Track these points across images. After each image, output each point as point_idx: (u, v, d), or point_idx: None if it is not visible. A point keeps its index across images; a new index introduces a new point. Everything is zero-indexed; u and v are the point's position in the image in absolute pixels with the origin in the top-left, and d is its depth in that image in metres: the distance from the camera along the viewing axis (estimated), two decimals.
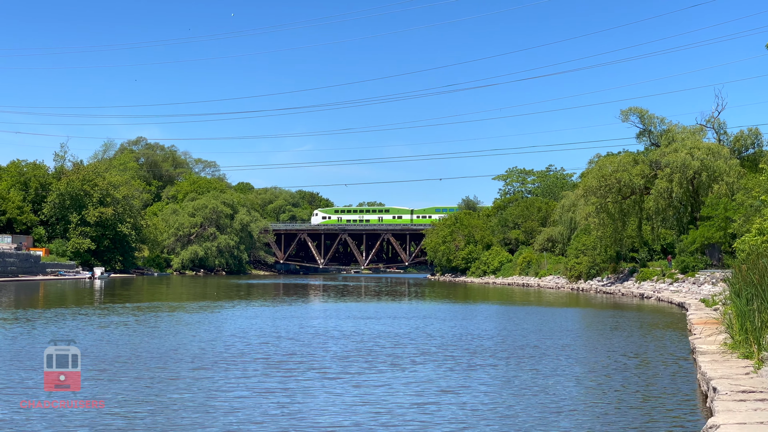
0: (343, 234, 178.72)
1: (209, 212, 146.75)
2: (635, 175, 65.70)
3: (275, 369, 18.46)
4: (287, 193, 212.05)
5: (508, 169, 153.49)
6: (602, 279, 72.87)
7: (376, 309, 43.02)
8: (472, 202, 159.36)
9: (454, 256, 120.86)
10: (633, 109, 72.13)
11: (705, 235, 57.43)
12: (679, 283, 55.97)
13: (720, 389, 12.48)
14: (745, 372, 14.21)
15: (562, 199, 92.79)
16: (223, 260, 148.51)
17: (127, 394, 14.83)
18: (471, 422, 13.14)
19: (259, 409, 13.81)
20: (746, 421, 10.23)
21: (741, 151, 70.41)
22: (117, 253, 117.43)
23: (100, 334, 25.73)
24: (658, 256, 72.25)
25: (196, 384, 16.21)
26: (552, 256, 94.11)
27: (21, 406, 13.52)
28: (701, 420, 13.00)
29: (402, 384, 16.54)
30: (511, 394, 15.66)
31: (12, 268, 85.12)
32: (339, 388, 16.04)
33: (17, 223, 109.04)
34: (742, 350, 16.48)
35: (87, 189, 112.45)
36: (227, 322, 32.36)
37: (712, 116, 71.47)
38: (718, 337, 19.81)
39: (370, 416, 13.41)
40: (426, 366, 19.27)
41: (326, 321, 33.36)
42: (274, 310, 41.85)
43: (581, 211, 74.79)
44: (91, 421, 12.65)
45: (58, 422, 12.51)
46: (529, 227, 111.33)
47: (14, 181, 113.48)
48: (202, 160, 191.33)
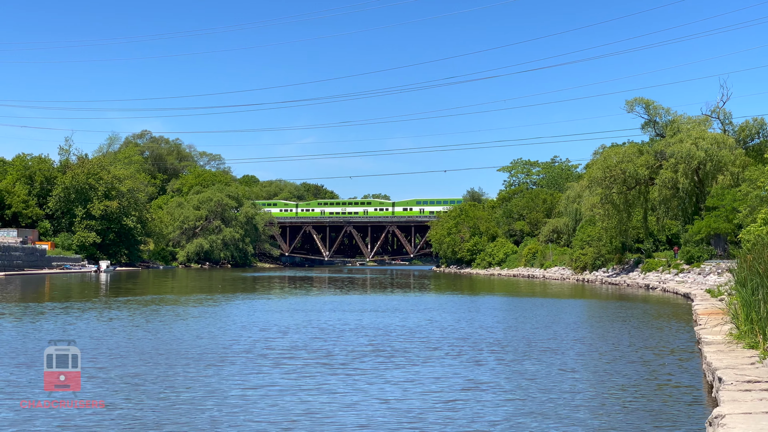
0: (348, 226, 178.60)
1: (214, 205, 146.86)
2: (640, 166, 65.54)
3: (287, 365, 18.11)
4: (292, 186, 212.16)
5: (513, 160, 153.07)
6: (607, 270, 72.81)
7: (383, 301, 43.05)
8: (477, 193, 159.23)
9: (459, 248, 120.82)
10: (638, 100, 71.91)
11: (711, 225, 57.33)
12: (684, 274, 55.90)
13: (725, 379, 12.49)
14: (751, 362, 14.22)
15: (567, 191, 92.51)
16: (229, 253, 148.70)
17: (128, 394, 14.68)
18: (491, 417, 13.18)
19: (275, 409, 13.43)
20: (752, 411, 10.24)
21: (746, 141, 70.23)
22: (122, 246, 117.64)
23: (103, 329, 25.67)
24: (663, 247, 72.14)
25: (201, 381, 16.01)
26: (557, 248, 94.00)
27: (21, 406, 13.50)
28: (707, 410, 13.02)
29: (423, 380, 16.26)
30: (522, 387, 15.72)
31: (18, 262, 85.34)
32: (359, 385, 15.71)
33: (23, 217, 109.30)
34: (747, 340, 16.48)
35: (92, 182, 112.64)
36: (233, 316, 32.32)
37: (718, 106, 71.39)
38: (724, 327, 19.81)
39: (393, 415, 13.09)
40: (443, 361, 18.97)
41: (335, 314, 33.07)
42: (281, 304, 41.93)
43: (586, 202, 74.68)
44: (91, 421, 12.62)
45: (58, 422, 12.49)
46: (534, 219, 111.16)
47: (19, 175, 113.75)
48: (207, 153, 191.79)
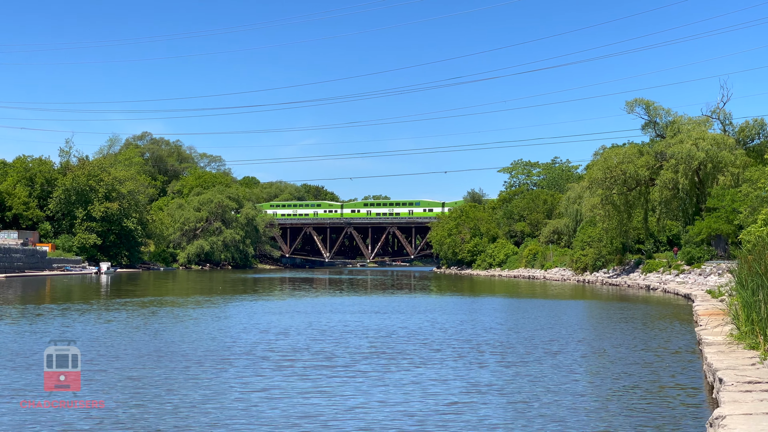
0: (349, 227, 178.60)
1: (215, 206, 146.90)
2: (640, 167, 65.53)
3: (288, 367, 17.86)
4: (292, 187, 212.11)
5: (513, 161, 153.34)
6: (608, 271, 72.79)
7: (385, 303, 42.95)
8: (478, 194, 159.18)
9: (460, 249, 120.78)
10: (638, 101, 71.92)
11: (711, 226, 57.31)
12: (685, 275, 55.87)
13: (726, 380, 12.47)
14: (752, 363, 14.21)
15: (568, 191, 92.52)
16: (229, 254, 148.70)
17: (128, 394, 14.66)
18: (493, 420, 13.17)
19: (275, 412, 13.27)
20: (752, 412, 10.22)
21: (746, 142, 70.23)
22: (123, 248, 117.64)
23: (103, 330, 25.66)
24: (664, 248, 72.11)
25: (201, 383, 15.94)
26: (558, 249, 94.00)
27: (21, 406, 13.49)
28: (707, 411, 13.01)
29: (425, 382, 16.13)
30: (523, 389, 15.71)
31: (18, 264, 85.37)
32: (361, 387, 15.56)
33: (23, 219, 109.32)
34: (748, 341, 16.47)
35: (92, 184, 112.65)
36: (233, 318, 32.21)
37: (718, 107, 71.36)
38: (724, 328, 19.79)
39: (395, 418, 12.92)
40: (445, 363, 18.83)
41: (336, 316, 32.89)
42: (282, 305, 41.88)
43: (587, 203, 74.65)
44: (91, 421, 12.61)
45: (58, 422, 12.48)
46: (534, 219, 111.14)
47: (20, 177, 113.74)
48: (208, 155, 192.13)
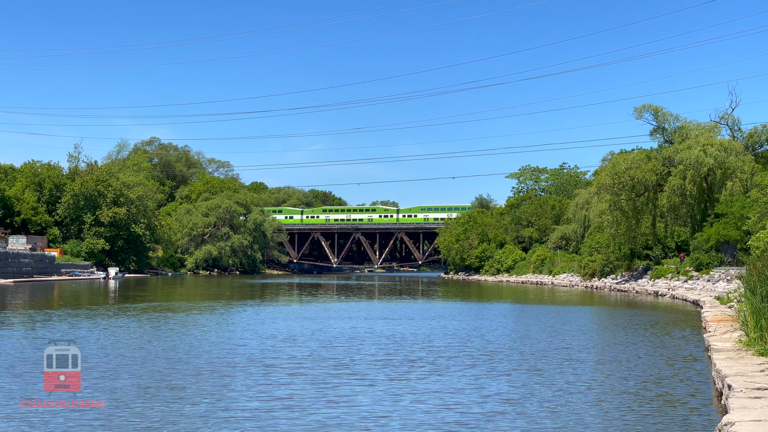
0: (357, 233, 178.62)
1: (223, 212, 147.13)
2: (649, 172, 65.43)
3: (298, 374, 17.55)
4: (300, 193, 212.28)
5: (521, 167, 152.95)
6: (616, 277, 72.60)
7: (394, 309, 42.73)
8: (486, 200, 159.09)
9: (468, 255, 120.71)
10: (647, 107, 71.86)
11: (720, 232, 57.13)
12: (693, 281, 55.67)
13: (735, 386, 12.42)
14: (761, 369, 14.14)
15: (576, 197, 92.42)
16: (237, 260, 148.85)
17: (128, 395, 14.66)
18: (506, 426, 13.15)
19: (284, 422, 12.93)
20: (761, 419, 10.18)
21: (755, 148, 70.09)
22: (131, 253, 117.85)
23: (107, 333, 25.74)
24: (672, 254, 71.92)
25: (206, 385, 15.90)
26: (566, 254, 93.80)
27: (21, 406, 13.52)
28: (716, 417, 12.95)
29: (439, 390, 15.81)
30: (535, 394, 15.69)
31: (27, 269, 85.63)
32: (374, 395, 15.24)
33: (32, 224, 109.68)
34: (757, 347, 16.40)
35: (101, 189, 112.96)
36: (241, 323, 32.18)
37: (726, 113, 71.25)
38: (733, 334, 19.71)
39: (409, 428, 12.67)
40: (458, 371, 18.49)
41: (345, 322, 32.54)
42: (290, 311, 41.83)
43: (595, 209, 74.58)
44: (90, 421, 12.61)
45: (58, 422, 12.50)
46: (542, 225, 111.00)
47: (29, 182, 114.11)
48: (216, 160, 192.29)
